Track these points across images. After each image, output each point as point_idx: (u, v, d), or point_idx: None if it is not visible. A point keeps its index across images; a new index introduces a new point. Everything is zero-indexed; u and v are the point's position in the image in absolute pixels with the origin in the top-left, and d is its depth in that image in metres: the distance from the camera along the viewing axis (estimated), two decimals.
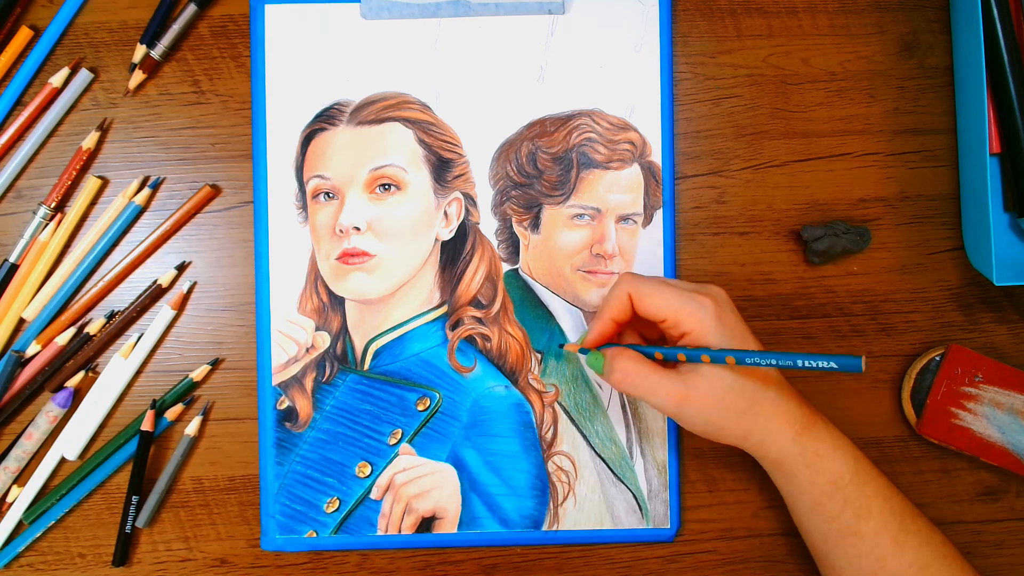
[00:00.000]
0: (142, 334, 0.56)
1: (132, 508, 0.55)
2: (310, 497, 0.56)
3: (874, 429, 0.58)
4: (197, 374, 0.56)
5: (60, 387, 0.56)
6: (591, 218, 0.56)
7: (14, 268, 0.56)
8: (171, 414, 0.56)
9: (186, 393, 0.56)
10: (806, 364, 0.42)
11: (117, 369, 0.56)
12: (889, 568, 0.48)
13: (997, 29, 0.54)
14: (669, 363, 0.48)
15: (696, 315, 0.46)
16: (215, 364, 0.57)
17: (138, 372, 0.57)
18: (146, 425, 0.56)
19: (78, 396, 0.56)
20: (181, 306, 0.57)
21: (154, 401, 0.56)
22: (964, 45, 0.56)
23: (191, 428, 0.56)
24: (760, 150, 0.58)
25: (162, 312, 0.56)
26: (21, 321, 0.56)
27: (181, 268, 0.57)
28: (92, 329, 0.56)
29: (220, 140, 0.57)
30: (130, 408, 0.57)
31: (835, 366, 0.41)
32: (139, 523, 0.56)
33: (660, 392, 0.47)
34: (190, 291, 0.57)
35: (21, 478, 0.56)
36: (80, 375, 0.56)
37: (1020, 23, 0.55)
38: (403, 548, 0.57)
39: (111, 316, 0.56)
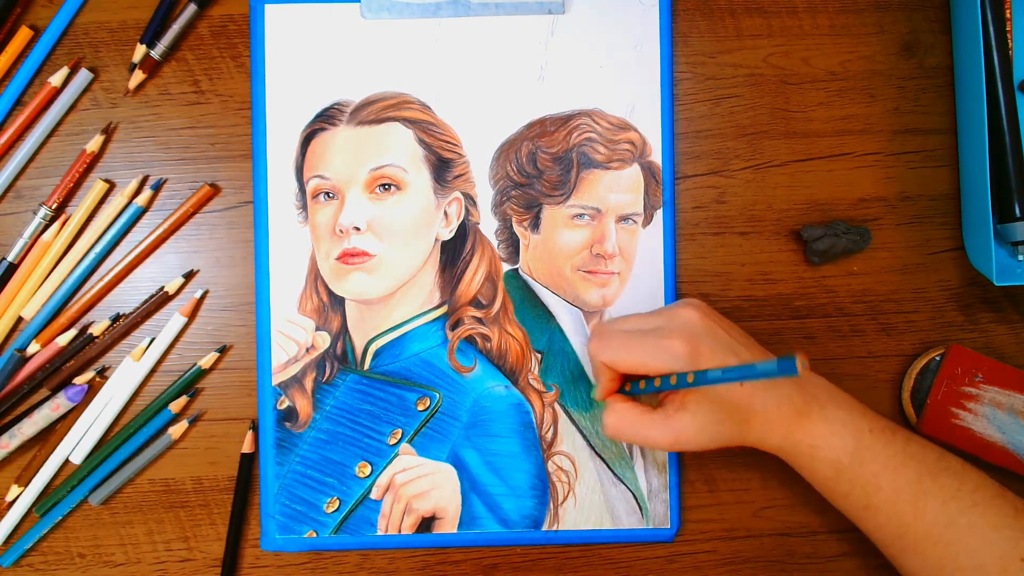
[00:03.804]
0: (153, 338, 0.56)
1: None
2: (310, 497, 0.56)
3: None
4: (206, 361, 0.56)
5: (59, 386, 0.56)
6: (591, 218, 0.56)
7: (13, 268, 0.56)
8: (175, 407, 0.56)
9: (194, 382, 0.56)
10: (751, 375, 0.41)
11: (127, 373, 0.56)
12: (914, 531, 0.47)
13: (991, 36, 0.54)
14: (664, 392, 0.49)
15: (670, 365, 0.46)
16: (223, 351, 0.57)
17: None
18: (246, 447, 0.56)
19: (85, 397, 0.56)
20: (192, 313, 0.57)
21: (253, 422, 0.56)
22: (964, 45, 0.56)
23: (175, 430, 0.56)
24: (760, 150, 0.58)
25: (173, 319, 0.56)
26: (20, 320, 0.56)
27: (188, 276, 0.57)
28: (96, 331, 0.56)
29: (220, 140, 0.57)
30: (129, 410, 0.57)
31: (775, 370, 0.40)
32: (93, 501, 0.56)
33: (650, 438, 0.49)
34: (202, 299, 0.57)
35: (23, 477, 0.56)
36: (91, 374, 0.56)
37: (1011, 29, 0.55)
38: (403, 548, 0.57)
39: (116, 319, 0.56)
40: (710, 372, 0.44)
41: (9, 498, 0.56)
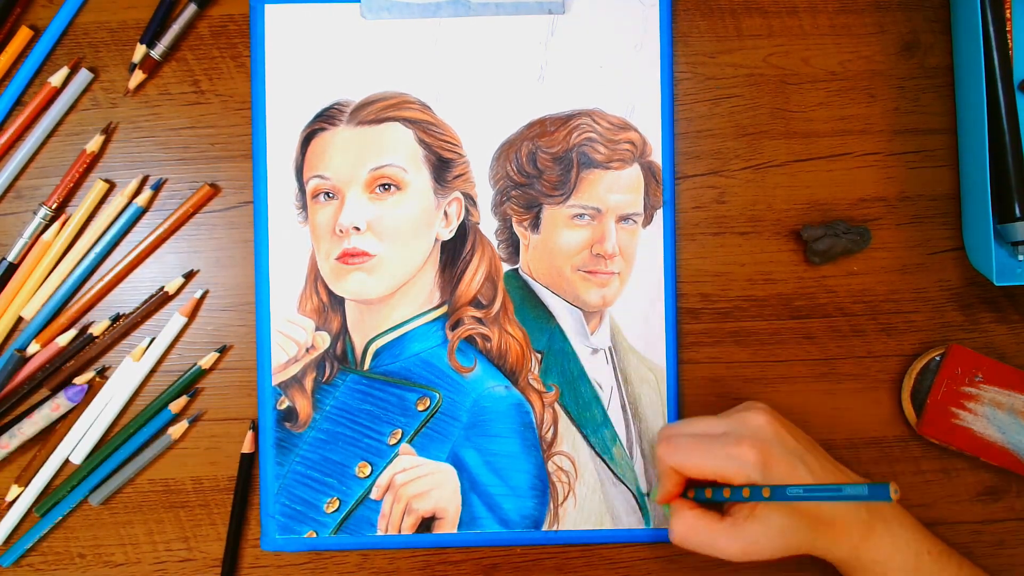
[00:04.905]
0: (153, 338, 0.56)
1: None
2: (310, 497, 0.56)
3: (874, 429, 0.58)
4: (206, 361, 0.56)
5: (59, 386, 0.56)
6: (591, 218, 0.56)
7: (13, 268, 0.56)
8: (175, 407, 0.56)
9: (194, 382, 0.56)
10: (837, 497, 0.41)
11: (127, 373, 0.56)
12: None
13: (991, 36, 0.54)
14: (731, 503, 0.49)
15: (740, 473, 0.46)
16: (223, 351, 0.57)
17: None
18: (246, 447, 0.56)
19: (85, 397, 0.56)
20: (192, 313, 0.57)
21: (253, 422, 0.56)
22: (964, 45, 0.56)
23: (175, 430, 0.56)
24: (760, 150, 0.58)
25: (174, 319, 0.56)
26: (20, 320, 0.56)
27: (188, 276, 0.57)
28: (96, 331, 0.56)
29: (220, 140, 0.57)
30: (129, 410, 0.57)
31: (865, 494, 0.39)
32: (93, 501, 0.56)
33: (719, 548, 0.48)
34: (202, 299, 0.57)
35: (23, 477, 0.56)
36: (91, 374, 0.56)
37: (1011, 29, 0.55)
38: (403, 548, 0.57)
39: (116, 319, 0.56)
40: (790, 489, 0.43)
41: (9, 498, 0.56)
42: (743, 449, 0.46)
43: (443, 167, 0.56)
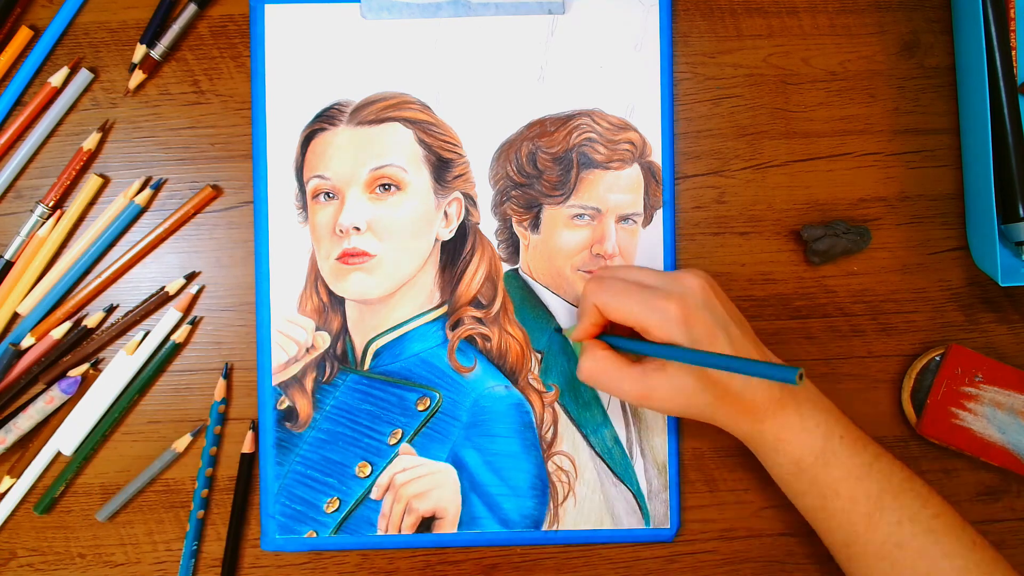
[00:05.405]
0: (147, 332, 0.56)
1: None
2: (310, 497, 0.56)
3: (874, 429, 0.58)
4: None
5: (55, 380, 0.56)
6: (591, 218, 0.56)
7: (10, 265, 0.56)
8: (179, 446, 0.56)
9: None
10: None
11: (120, 366, 0.56)
12: (863, 542, 0.48)
13: (993, 36, 0.54)
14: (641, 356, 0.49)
15: (660, 325, 0.46)
16: (190, 278, 0.56)
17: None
18: (246, 447, 0.56)
19: (79, 390, 0.56)
20: (188, 310, 0.57)
21: (253, 422, 0.56)
22: (966, 44, 0.56)
23: (179, 444, 0.56)
24: (760, 150, 0.58)
25: (169, 314, 0.56)
26: (15, 317, 0.56)
27: (190, 278, 0.57)
28: (90, 323, 0.56)
29: (220, 140, 0.57)
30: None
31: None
32: (99, 516, 0.56)
33: (622, 390, 0.49)
34: (198, 295, 0.57)
35: (15, 468, 0.56)
36: (85, 366, 0.56)
37: (1014, 28, 0.55)
38: (403, 548, 0.57)
39: (110, 310, 0.56)
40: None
41: (1, 489, 0.56)
42: (669, 304, 0.46)
43: (443, 167, 0.56)
